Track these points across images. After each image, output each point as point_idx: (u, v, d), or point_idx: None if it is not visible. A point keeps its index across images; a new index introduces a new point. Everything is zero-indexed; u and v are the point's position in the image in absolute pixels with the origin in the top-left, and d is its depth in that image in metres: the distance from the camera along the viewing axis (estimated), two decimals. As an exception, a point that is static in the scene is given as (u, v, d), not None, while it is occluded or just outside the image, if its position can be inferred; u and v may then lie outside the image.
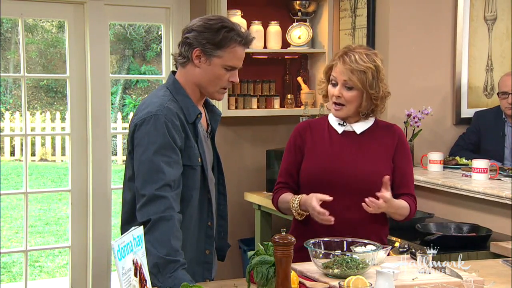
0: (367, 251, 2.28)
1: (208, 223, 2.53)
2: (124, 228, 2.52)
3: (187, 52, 2.47)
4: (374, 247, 2.29)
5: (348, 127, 2.72)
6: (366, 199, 2.52)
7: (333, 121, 2.75)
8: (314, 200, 2.54)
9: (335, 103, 2.67)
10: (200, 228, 2.51)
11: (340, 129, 2.72)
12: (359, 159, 2.67)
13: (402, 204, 2.66)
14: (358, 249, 2.31)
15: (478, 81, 4.56)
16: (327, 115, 2.79)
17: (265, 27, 4.60)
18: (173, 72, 2.57)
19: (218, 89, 2.50)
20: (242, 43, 2.47)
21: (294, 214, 2.68)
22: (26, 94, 4.30)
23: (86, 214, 4.28)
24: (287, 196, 2.73)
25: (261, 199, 4.36)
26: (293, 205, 2.65)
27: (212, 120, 2.64)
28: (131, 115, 2.58)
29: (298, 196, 2.65)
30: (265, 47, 4.60)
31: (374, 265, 2.26)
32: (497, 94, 4.31)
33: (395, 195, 2.71)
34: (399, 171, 2.71)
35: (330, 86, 2.68)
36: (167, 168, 2.34)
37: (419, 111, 4.18)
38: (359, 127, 2.72)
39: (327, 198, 2.53)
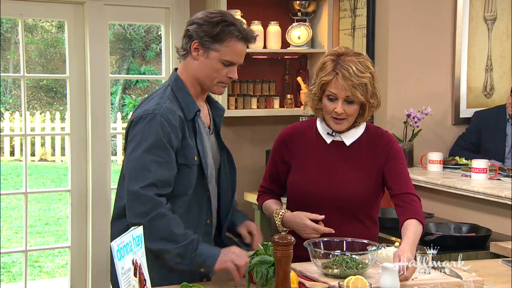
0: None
1: (207, 221, 2.53)
2: (115, 222, 2.51)
3: (187, 45, 2.47)
4: (374, 247, 2.30)
5: (337, 137, 2.60)
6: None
7: (322, 128, 2.62)
8: (304, 217, 2.48)
9: (336, 118, 2.53)
10: (198, 226, 2.50)
11: (328, 139, 2.60)
12: (348, 175, 2.55)
13: (417, 233, 2.44)
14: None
15: (478, 81, 4.56)
16: (316, 118, 2.67)
17: (265, 27, 4.60)
18: (176, 69, 2.57)
19: (215, 83, 2.47)
20: (240, 38, 2.43)
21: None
22: (26, 94, 4.30)
23: (86, 214, 4.28)
24: (270, 206, 2.67)
25: (260, 199, 4.35)
26: (276, 220, 2.58)
27: (215, 116, 2.63)
28: (130, 115, 2.57)
29: (281, 212, 2.58)
30: (264, 47, 4.60)
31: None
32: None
33: (396, 195, 2.57)
34: (395, 174, 2.57)
35: (326, 101, 2.52)
36: (155, 167, 2.33)
37: (418, 111, 4.18)
38: (349, 137, 2.59)
39: (319, 217, 2.47)
